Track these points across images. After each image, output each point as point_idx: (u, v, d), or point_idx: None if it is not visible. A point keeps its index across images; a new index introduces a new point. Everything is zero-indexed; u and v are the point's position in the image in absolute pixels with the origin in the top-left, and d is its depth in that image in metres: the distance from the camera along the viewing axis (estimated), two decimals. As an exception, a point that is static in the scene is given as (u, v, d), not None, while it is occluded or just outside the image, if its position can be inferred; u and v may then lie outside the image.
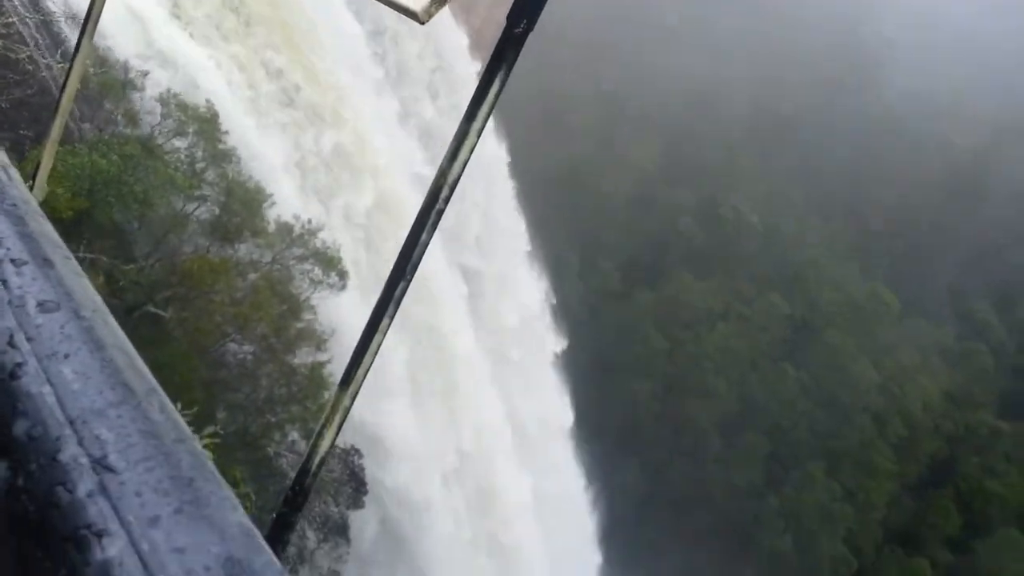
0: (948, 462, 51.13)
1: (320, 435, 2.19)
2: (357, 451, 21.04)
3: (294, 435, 18.69)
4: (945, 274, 58.59)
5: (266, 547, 0.82)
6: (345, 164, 23.47)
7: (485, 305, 31.14)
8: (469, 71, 30.40)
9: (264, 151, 20.49)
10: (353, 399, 2.28)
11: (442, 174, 1.53)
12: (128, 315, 15.65)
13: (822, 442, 48.02)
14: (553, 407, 35.89)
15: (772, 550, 45.31)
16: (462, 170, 1.58)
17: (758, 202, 55.31)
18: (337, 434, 2.30)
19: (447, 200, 1.63)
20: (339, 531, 19.92)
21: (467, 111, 1.25)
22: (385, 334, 2.11)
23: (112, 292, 14.85)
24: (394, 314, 2.02)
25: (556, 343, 36.91)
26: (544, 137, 47.28)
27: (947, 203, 61.22)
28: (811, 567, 45.47)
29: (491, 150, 32.38)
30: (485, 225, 32.30)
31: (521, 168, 37.10)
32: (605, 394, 46.77)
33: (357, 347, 2.02)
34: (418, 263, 1.86)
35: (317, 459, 2.31)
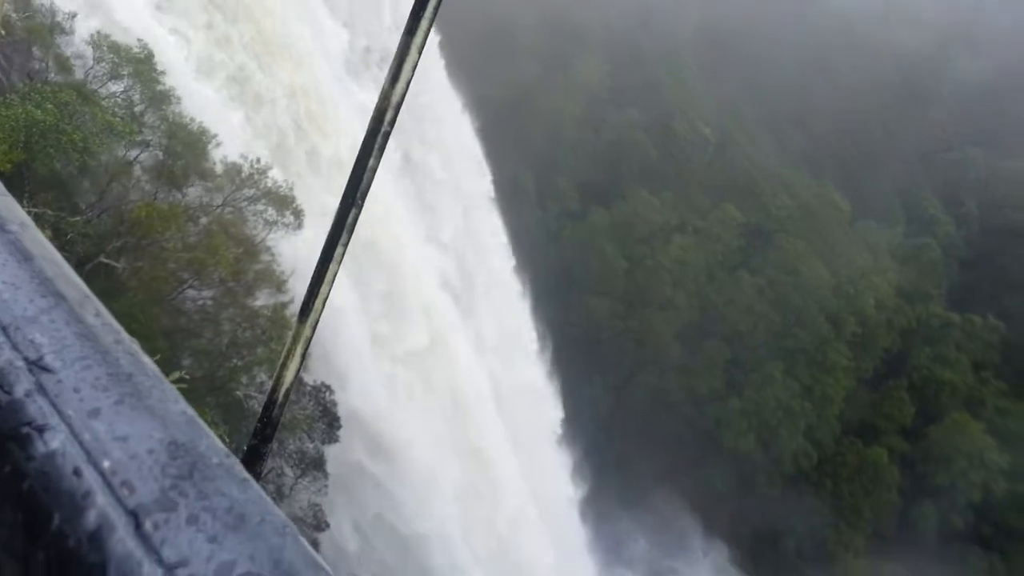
0: (901, 355, 53.29)
1: (284, 367, 2.25)
2: (328, 387, 21.21)
3: (262, 376, 18.74)
4: (894, 175, 59.75)
5: (210, 432, 0.84)
6: (295, 102, 22.87)
7: (446, 237, 31.07)
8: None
9: (203, 90, 19.84)
10: (313, 329, 2.33)
11: (385, 96, 1.53)
12: (80, 268, 15.35)
13: (779, 344, 49.59)
14: (517, 330, 36.23)
15: (737, 449, 47.24)
16: (405, 90, 1.57)
17: (709, 115, 55.40)
18: (301, 365, 2.36)
19: (392, 123, 1.63)
20: (316, 465, 20.23)
21: (407, 23, 1.25)
22: (340, 263, 2.13)
23: (61, 246, 14.51)
24: (347, 242, 2.02)
25: (515, 265, 37.02)
26: (492, 62, 46.38)
27: (895, 106, 61.96)
28: (774, 462, 47.66)
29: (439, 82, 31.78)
30: (444, 158, 31.92)
31: (473, 98, 36.51)
32: (567, 313, 47.49)
33: (313, 278, 2.05)
34: (367, 190, 1.86)
35: (282, 390, 2.38)
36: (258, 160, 18.91)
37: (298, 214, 19.08)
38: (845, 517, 47.52)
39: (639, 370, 49.31)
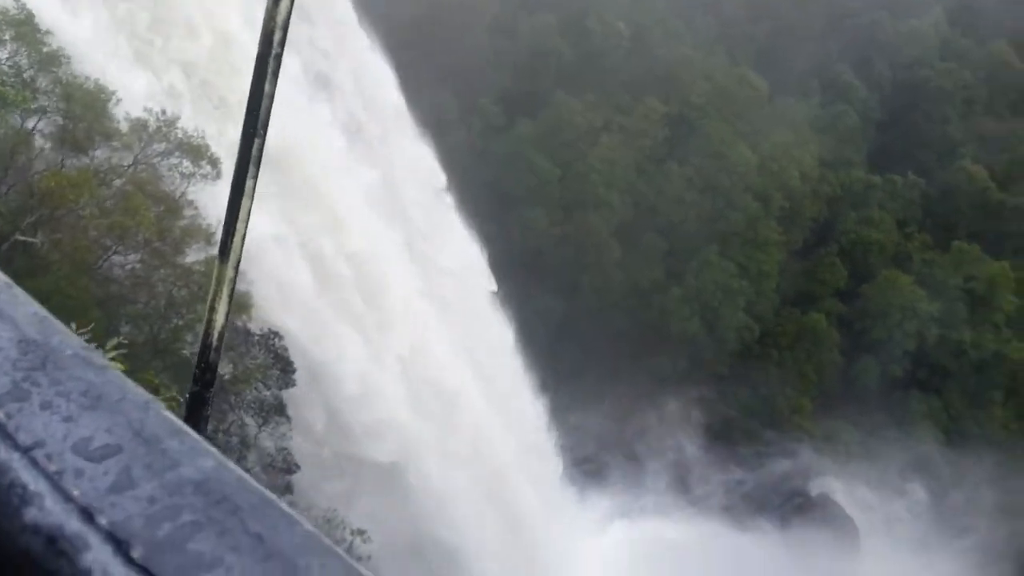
0: (829, 222, 55.15)
1: (212, 310, 2.32)
2: (276, 334, 21.13)
3: (207, 332, 18.58)
4: (806, 49, 60.27)
5: (66, 329, 0.90)
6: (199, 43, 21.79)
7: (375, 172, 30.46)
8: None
9: (93, 45, 18.78)
10: (236, 269, 2.41)
11: (270, 17, 1.51)
12: (-4, 250, 14.79)
13: (712, 228, 50.80)
14: (459, 253, 36.15)
15: (683, 334, 48.86)
16: (290, 8, 1.55)
17: (621, 9, 54.70)
18: (229, 307, 2.44)
19: (282, 44, 1.59)
20: (277, 411, 20.39)
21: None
22: (252, 198, 2.17)
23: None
24: (256, 174, 2.05)
25: (446, 183, 36.56)
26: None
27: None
28: (719, 341, 49.55)
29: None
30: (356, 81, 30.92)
31: (379, 19, 35.22)
32: (505, 229, 47.64)
33: (226, 215, 2.10)
34: (268, 118, 1.85)
35: (215, 334, 2.48)
36: (163, 112, 18.20)
37: (215, 163, 18.55)
38: (791, 382, 50.05)
39: (583, 273, 50.07)
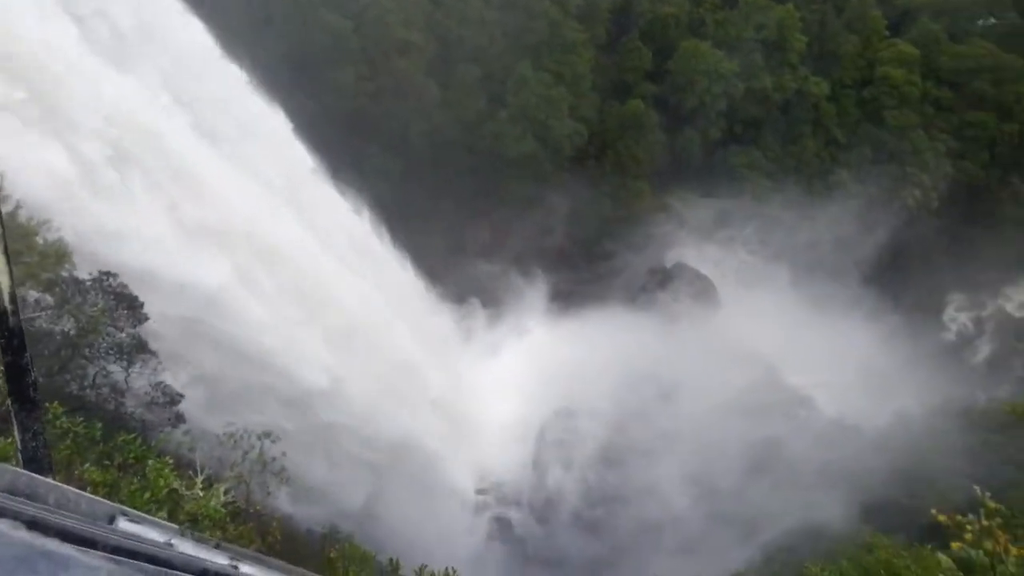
0: (624, 10, 55.96)
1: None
2: (108, 273, 20.15)
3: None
4: None
5: None
6: None
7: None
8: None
9: None
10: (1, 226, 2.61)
11: None
12: None
13: (520, 43, 50.59)
14: (266, 123, 34.13)
15: (520, 155, 49.65)
16: None
17: None
18: (10, 267, 2.68)
19: None
20: (138, 349, 19.84)
21: None
22: None
23: None
24: None
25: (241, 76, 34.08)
26: None
27: None
28: (554, 151, 50.83)
29: None
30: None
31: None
32: (316, 96, 45.67)
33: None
34: None
35: (5, 296, 2.72)
36: None
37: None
38: (628, 170, 52.62)
39: (408, 122, 49.26)
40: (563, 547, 38.19)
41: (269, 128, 33.28)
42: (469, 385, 40.96)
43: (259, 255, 26.76)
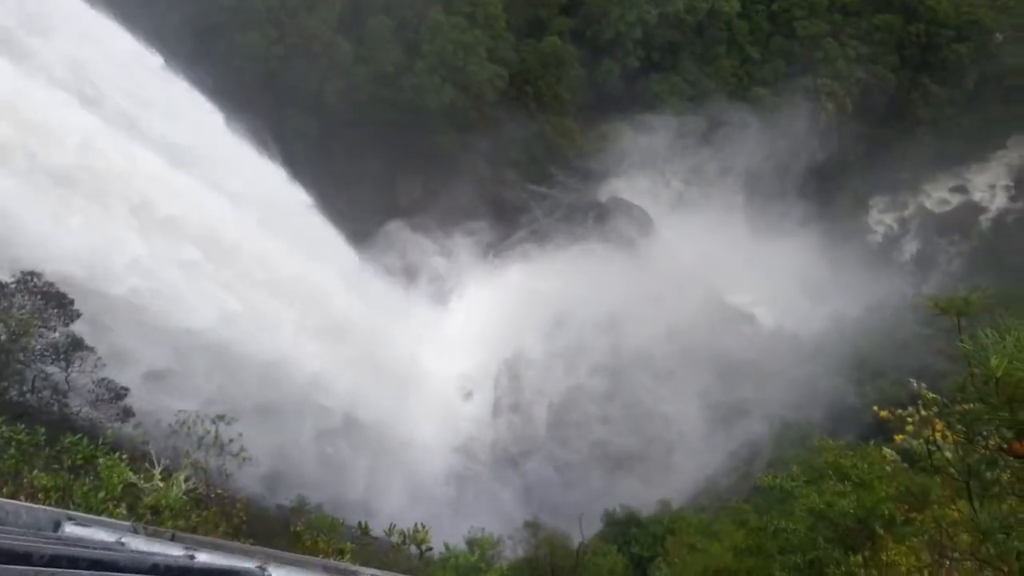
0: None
1: None
2: (32, 273, 19.46)
3: None
4: None
5: None
6: None
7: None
8: None
9: None
10: None
11: None
12: None
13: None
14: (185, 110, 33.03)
15: (442, 104, 48.83)
16: None
17: None
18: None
19: None
20: (75, 347, 19.30)
21: None
22: None
23: None
24: None
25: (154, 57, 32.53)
26: None
27: None
28: (476, 97, 50.05)
29: None
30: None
31: None
32: (226, 63, 44.07)
33: None
34: None
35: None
36: None
37: None
38: (552, 109, 52.34)
39: (324, 81, 47.93)
40: (529, 483, 39.23)
41: (185, 102, 32.18)
42: (421, 346, 41.00)
43: (177, 233, 26.09)
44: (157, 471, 12.44)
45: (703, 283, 45.31)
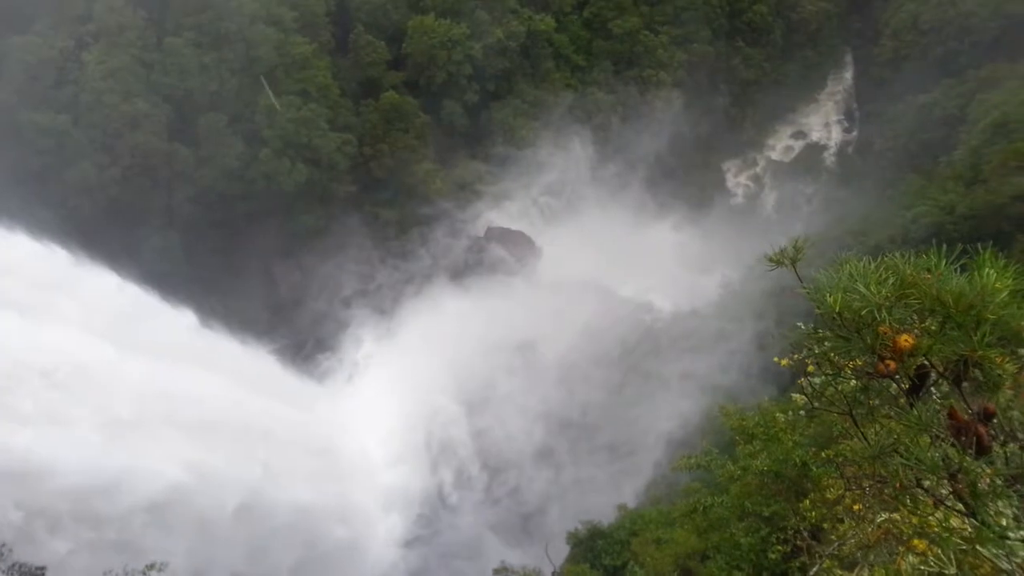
0: (341, 6, 55.05)
1: None
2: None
3: None
4: None
5: None
6: None
7: None
8: None
9: None
10: None
11: None
12: None
13: (252, 74, 48.78)
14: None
15: (300, 183, 48.24)
16: None
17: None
18: None
19: None
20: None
21: None
22: None
23: None
24: None
25: None
26: None
27: None
28: (331, 169, 49.75)
29: None
30: None
31: None
32: (60, 202, 42.28)
33: None
34: None
35: None
36: None
37: None
38: (408, 160, 52.51)
39: (171, 192, 46.70)
40: (493, 523, 39.04)
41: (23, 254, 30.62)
42: (341, 424, 40.11)
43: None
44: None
45: (594, 285, 46.44)
